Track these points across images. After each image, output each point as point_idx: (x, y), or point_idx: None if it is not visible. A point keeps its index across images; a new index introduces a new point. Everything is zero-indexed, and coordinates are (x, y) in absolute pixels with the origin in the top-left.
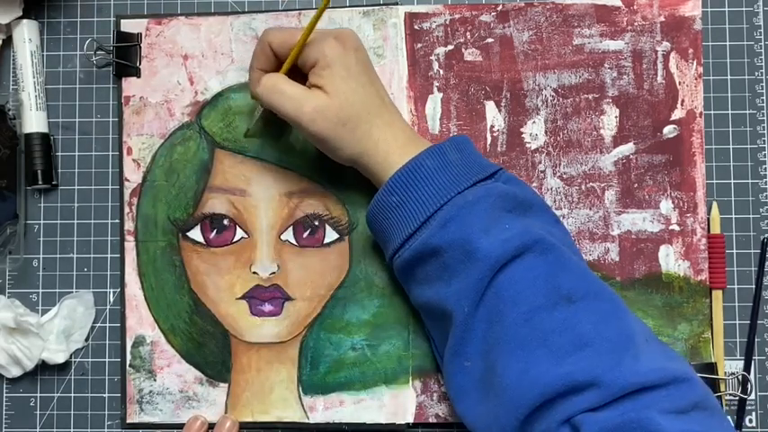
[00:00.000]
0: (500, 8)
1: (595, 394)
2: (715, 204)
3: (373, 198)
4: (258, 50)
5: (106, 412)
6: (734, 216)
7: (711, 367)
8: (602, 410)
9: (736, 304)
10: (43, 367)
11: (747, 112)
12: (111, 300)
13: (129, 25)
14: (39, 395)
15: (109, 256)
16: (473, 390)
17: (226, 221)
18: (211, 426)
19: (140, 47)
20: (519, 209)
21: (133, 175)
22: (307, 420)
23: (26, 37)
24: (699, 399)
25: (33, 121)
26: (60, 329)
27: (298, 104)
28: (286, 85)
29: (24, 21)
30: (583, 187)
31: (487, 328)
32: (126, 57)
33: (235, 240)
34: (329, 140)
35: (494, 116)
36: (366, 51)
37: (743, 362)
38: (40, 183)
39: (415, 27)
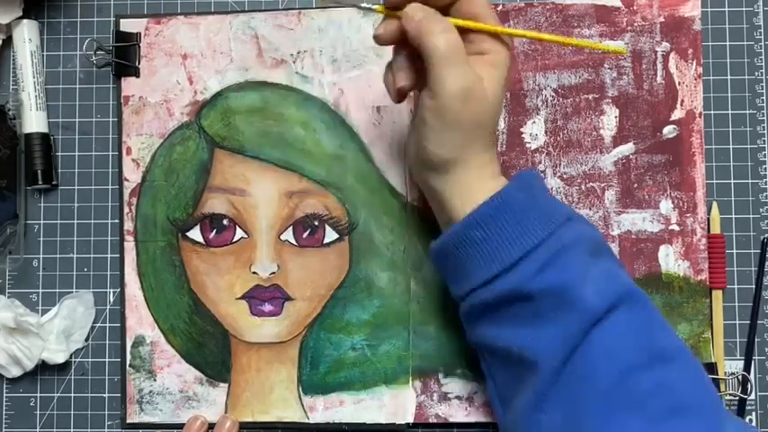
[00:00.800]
0: (500, 8)
1: None
2: (715, 204)
3: (448, 229)
4: None
5: (106, 412)
6: (734, 216)
7: (711, 367)
8: None
9: (736, 304)
10: (43, 367)
11: (747, 112)
12: (111, 300)
13: (128, 25)
14: (39, 395)
15: (109, 256)
16: None
17: (225, 221)
18: (211, 426)
19: (140, 46)
20: (598, 252)
21: (132, 175)
22: (307, 420)
23: (26, 37)
24: None
25: (33, 121)
26: (60, 329)
27: (461, 59)
28: (463, 59)
29: (24, 21)
30: (583, 187)
31: (577, 384)
32: (125, 56)
33: (234, 240)
34: (456, 131)
35: None
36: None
37: (743, 362)
38: (40, 183)
39: None
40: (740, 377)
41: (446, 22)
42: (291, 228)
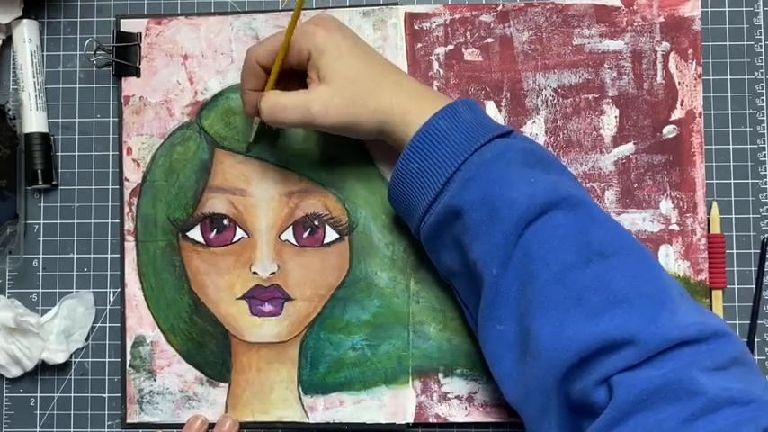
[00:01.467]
0: (500, 8)
1: (632, 352)
2: (715, 204)
3: (393, 169)
4: (246, 72)
5: (106, 412)
6: (734, 216)
7: None
8: (640, 369)
9: (736, 304)
10: (43, 367)
11: (747, 112)
12: (111, 300)
13: (128, 25)
14: (39, 395)
15: (109, 256)
16: (508, 352)
17: (226, 221)
18: (211, 425)
19: (140, 47)
20: (540, 165)
21: (133, 175)
22: (307, 420)
23: (26, 37)
24: (737, 354)
25: (33, 121)
26: (60, 329)
27: (304, 110)
28: (285, 99)
29: (24, 21)
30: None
31: (519, 289)
32: (126, 57)
33: (235, 240)
34: (348, 124)
35: (494, 116)
36: (349, 28)
37: None
38: (40, 183)
39: (415, 27)
40: None
41: (283, 97)
42: (291, 228)
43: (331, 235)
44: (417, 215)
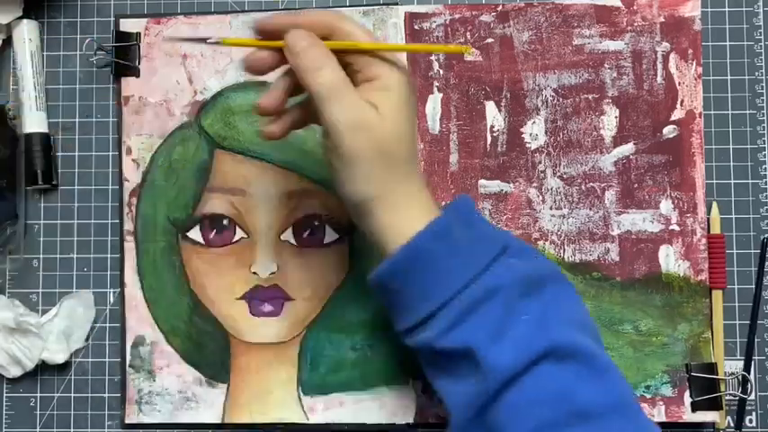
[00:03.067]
0: (500, 8)
1: None
2: (715, 204)
3: (373, 270)
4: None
5: (106, 412)
6: (734, 216)
7: (711, 367)
8: None
9: (736, 304)
10: (43, 367)
11: (747, 112)
12: (111, 300)
13: (128, 25)
14: (39, 395)
15: (109, 256)
16: None
17: (225, 222)
18: (212, 425)
19: (140, 46)
20: (536, 288)
21: (132, 175)
22: (306, 421)
23: (26, 37)
24: None
25: (33, 121)
26: (60, 329)
27: (350, 101)
28: (348, 91)
29: (24, 21)
30: (583, 187)
31: None
32: (125, 56)
33: (234, 240)
34: (359, 166)
35: (494, 116)
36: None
37: (743, 362)
38: (40, 183)
39: (415, 27)
40: (740, 377)
41: (328, 55)
42: (291, 228)
43: (331, 235)
44: (395, 326)
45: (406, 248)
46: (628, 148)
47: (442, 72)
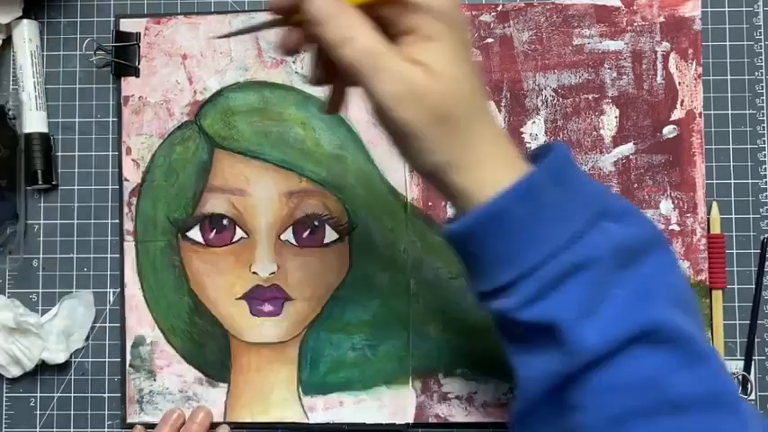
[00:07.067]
0: (500, 8)
1: None
2: (715, 204)
3: (447, 226)
4: None
5: (106, 412)
6: (734, 216)
7: None
8: None
9: (736, 304)
10: (43, 367)
11: (747, 112)
12: (111, 300)
13: (128, 25)
14: (39, 395)
15: (109, 256)
16: None
17: (225, 221)
18: (215, 425)
19: (139, 46)
20: (636, 258)
21: (132, 175)
22: (307, 421)
23: (26, 37)
24: None
25: (33, 121)
26: (60, 329)
27: (388, 69)
28: (387, 57)
29: (24, 21)
30: None
31: (565, 415)
32: (125, 56)
33: (234, 240)
34: (416, 138)
35: (493, 116)
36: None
37: (743, 362)
38: (40, 183)
39: None
40: (740, 377)
41: (357, 18)
42: (291, 228)
43: (331, 235)
44: (470, 289)
45: (484, 210)
46: (628, 148)
47: None
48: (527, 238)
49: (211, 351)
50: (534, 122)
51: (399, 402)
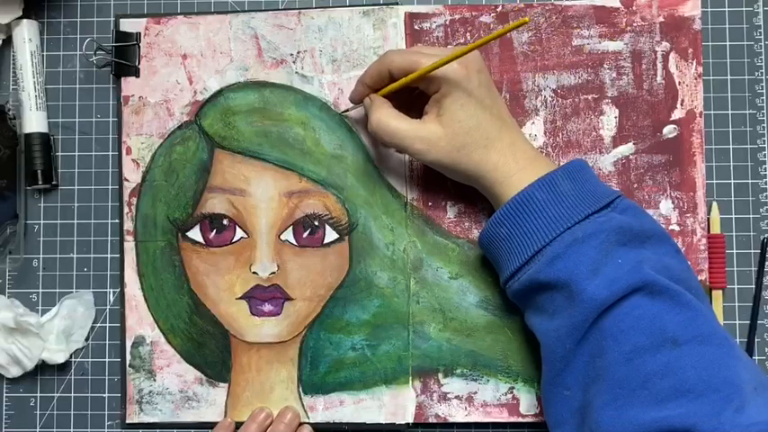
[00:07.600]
0: (499, 9)
1: None
2: (715, 204)
3: (484, 225)
4: (373, 70)
5: (106, 412)
6: (734, 216)
7: None
8: None
9: (736, 304)
10: (43, 367)
11: (747, 112)
12: (111, 300)
13: (128, 25)
14: (39, 395)
15: (109, 256)
16: (571, 418)
17: (225, 221)
18: (212, 425)
19: (139, 46)
20: (635, 241)
21: (132, 175)
22: (307, 420)
23: (26, 37)
24: None
25: (33, 121)
26: (60, 329)
27: (407, 142)
28: (394, 123)
29: (24, 21)
30: None
31: (589, 361)
32: (125, 56)
33: (234, 240)
34: (445, 165)
35: None
36: (488, 72)
37: None
38: (40, 183)
39: (415, 27)
40: None
41: (395, 117)
42: (291, 228)
43: (331, 235)
44: (503, 276)
45: (514, 198)
46: (627, 148)
47: None
48: (548, 217)
49: (211, 351)
50: (533, 123)
51: (399, 402)
